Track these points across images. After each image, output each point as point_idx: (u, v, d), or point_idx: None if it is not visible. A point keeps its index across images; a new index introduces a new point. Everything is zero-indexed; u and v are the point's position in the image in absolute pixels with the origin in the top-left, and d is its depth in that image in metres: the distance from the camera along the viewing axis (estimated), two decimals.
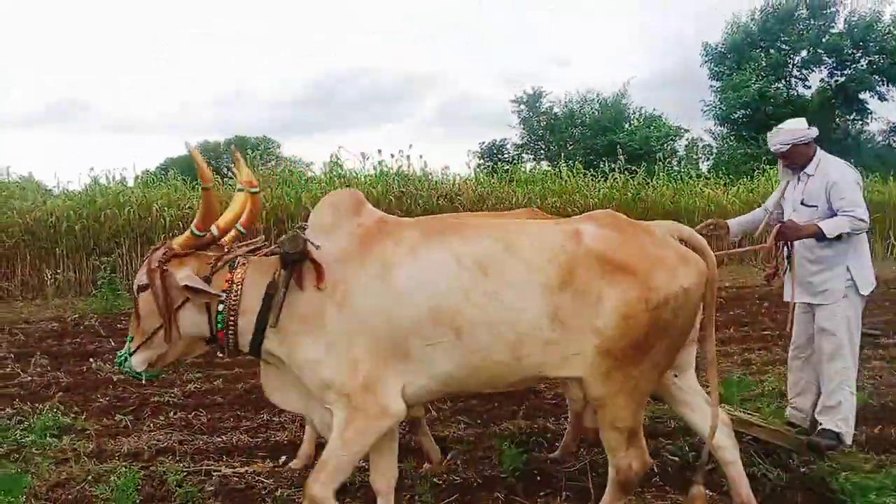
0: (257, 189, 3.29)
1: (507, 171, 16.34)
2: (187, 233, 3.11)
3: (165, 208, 12.33)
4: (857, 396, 4.23)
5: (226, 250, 3.16)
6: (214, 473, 4.21)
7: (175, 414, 5.36)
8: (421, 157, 14.50)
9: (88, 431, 5.00)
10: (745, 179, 18.13)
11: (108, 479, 4.01)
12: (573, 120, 31.83)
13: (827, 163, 4.18)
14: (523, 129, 33.01)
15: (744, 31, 30.14)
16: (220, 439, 4.82)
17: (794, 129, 4.22)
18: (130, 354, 3.11)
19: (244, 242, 3.28)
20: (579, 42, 77.99)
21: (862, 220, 3.92)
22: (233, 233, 3.23)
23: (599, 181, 15.67)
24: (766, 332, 7.95)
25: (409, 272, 2.89)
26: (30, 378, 6.40)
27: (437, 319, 2.85)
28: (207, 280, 3.00)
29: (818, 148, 4.27)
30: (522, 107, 32.74)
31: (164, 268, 3.01)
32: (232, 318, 2.98)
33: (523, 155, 30.71)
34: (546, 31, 74.92)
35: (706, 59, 30.93)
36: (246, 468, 4.30)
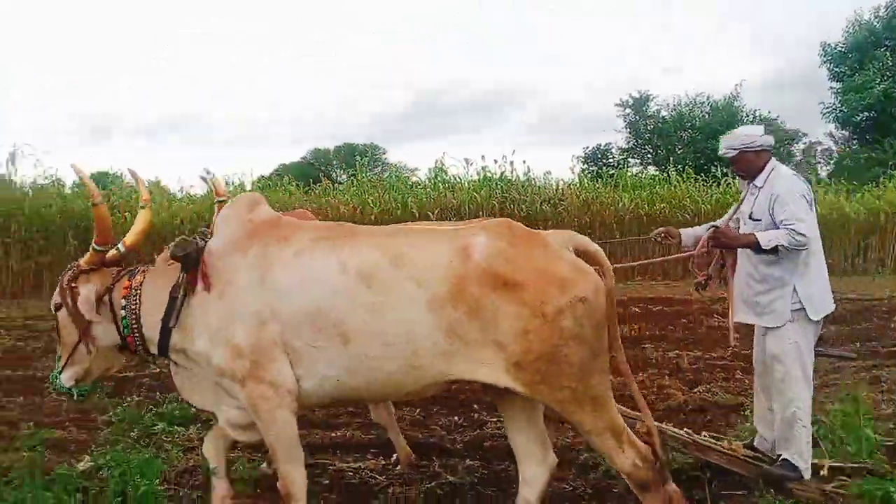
0: (145, 206, 3.46)
1: (612, 175, 16.07)
2: (90, 250, 3.27)
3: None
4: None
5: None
6: (329, 468, 4.37)
7: None
8: (524, 162, 14.51)
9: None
10: (869, 186, 17.05)
11: (231, 468, 4.23)
12: (682, 123, 30.88)
13: (777, 175, 3.82)
14: (629, 133, 32.33)
15: (866, 29, 28.31)
16: (334, 434, 4.99)
17: (745, 134, 3.92)
18: (59, 373, 3.33)
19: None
20: (689, 46, 75.74)
21: (802, 235, 3.51)
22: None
23: (711, 186, 15.15)
24: None
25: (289, 272, 2.99)
26: (158, 369, 6.82)
27: (318, 324, 2.93)
28: (109, 290, 3.24)
29: (773, 159, 3.91)
30: (628, 110, 32.07)
31: (73, 285, 3.22)
32: (135, 323, 3.19)
33: (629, 159, 30.02)
34: (655, 37, 73.23)
35: (825, 59, 29.31)
36: (359, 464, 4.43)
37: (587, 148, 31.87)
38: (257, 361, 2.99)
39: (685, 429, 4.10)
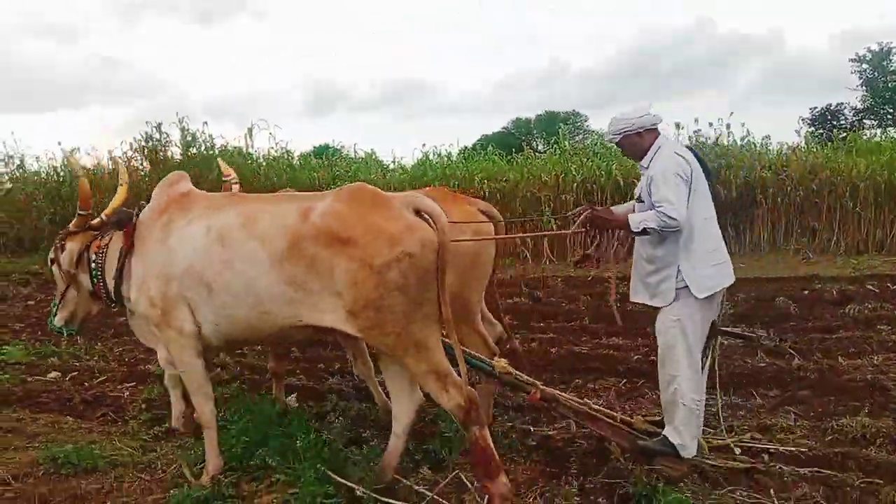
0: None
1: (843, 139, 14.45)
2: (76, 216, 4.06)
3: (485, 181, 13.15)
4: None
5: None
6: (535, 432, 4.47)
7: None
8: (743, 125, 13.41)
9: None
10: None
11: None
12: None
13: (658, 155, 3.72)
14: (865, 91, 28.85)
15: None
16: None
17: (622, 117, 3.80)
18: (54, 315, 4.22)
19: None
20: None
21: (671, 218, 3.47)
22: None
23: None
24: None
25: (179, 235, 3.62)
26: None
27: (192, 277, 3.53)
28: (87, 248, 4.04)
29: (660, 138, 3.81)
30: (865, 66, 28.61)
31: (62, 244, 4.08)
32: (100, 275, 3.97)
33: (864, 121, 26.83)
34: None
35: None
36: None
37: (815, 109, 28.89)
38: (165, 310, 3.63)
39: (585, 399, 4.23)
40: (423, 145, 15.78)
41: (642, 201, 3.75)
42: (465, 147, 16.68)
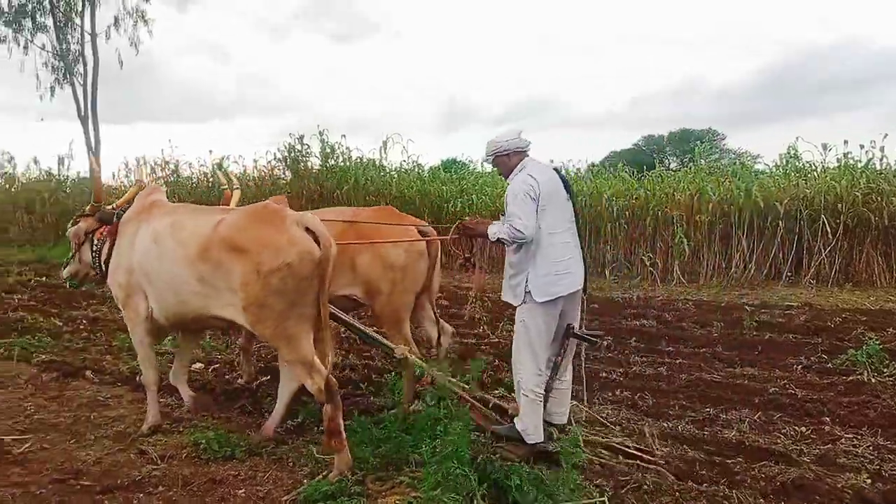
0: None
1: None
2: (91, 204, 5.06)
3: (614, 198, 12.88)
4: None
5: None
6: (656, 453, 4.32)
7: (621, 392, 5.62)
8: None
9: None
10: None
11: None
12: None
13: (516, 174, 4.25)
14: None
15: None
16: (665, 424, 4.89)
17: (496, 140, 4.33)
18: (64, 268, 5.32)
19: None
20: None
21: (518, 231, 3.99)
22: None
23: None
24: None
25: (138, 238, 4.43)
26: (497, 339, 7.36)
27: (139, 270, 4.39)
28: (93, 231, 5.02)
29: (525, 160, 4.31)
30: None
31: (77, 220, 5.13)
32: (96, 255, 4.94)
33: None
34: None
35: None
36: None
37: None
38: (128, 295, 4.52)
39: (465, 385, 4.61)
40: (551, 161, 15.57)
41: (504, 215, 4.20)
42: (593, 164, 16.42)
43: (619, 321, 8.47)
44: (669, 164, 31.42)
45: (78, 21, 22.50)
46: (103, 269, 4.88)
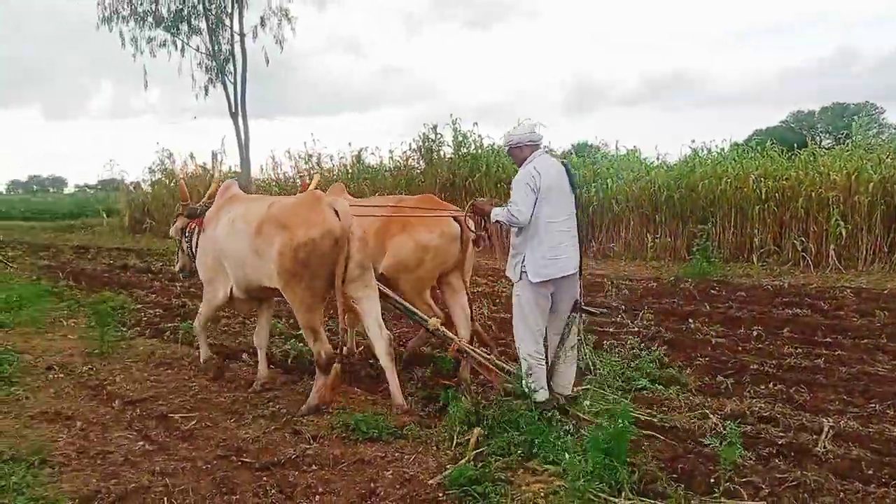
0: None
1: None
2: (180, 204, 6.28)
3: (762, 179, 12.14)
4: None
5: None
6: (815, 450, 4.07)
7: (775, 385, 5.31)
8: None
9: (690, 387, 5.33)
10: None
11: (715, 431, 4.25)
12: None
13: (525, 166, 4.64)
14: None
15: None
16: (827, 420, 4.56)
17: (513, 133, 4.76)
18: (176, 264, 6.50)
19: None
20: None
21: (513, 216, 4.51)
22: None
23: None
24: None
25: (220, 223, 5.32)
26: (637, 329, 7.16)
27: (222, 252, 5.27)
28: (187, 226, 6.11)
29: (536, 152, 4.68)
30: None
31: (176, 219, 6.30)
32: (187, 245, 6.07)
33: None
34: None
35: None
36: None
37: None
38: (211, 278, 5.52)
39: (481, 349, 5.34)
40: (693, 141, 14.88)
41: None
42: (736, 143, 15.50)
43: (769, 310, 8.01)
44: (821, 141, 29.21)
45: (228, 22, 23.90)
46: (193, 254, 5.83)
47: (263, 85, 56.91)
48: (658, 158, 15.43)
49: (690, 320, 7.54)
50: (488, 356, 5.12)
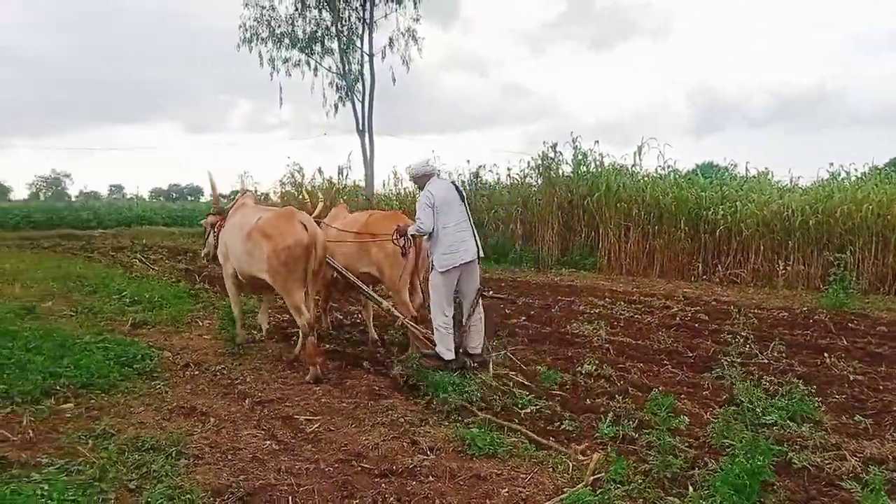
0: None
1: None
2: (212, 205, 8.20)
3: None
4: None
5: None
6: None
7: None
8: None
9: (825, 425, 4.99)
10: None
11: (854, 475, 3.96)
12: None
13: (423, 191, 6.29)
14: None
15: None
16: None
17: (411, 167, 6.54)
18: (203, 250, 8.13)
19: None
20: None
21: (420, 227, 6.11)
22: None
23: None
24: None
25: (229, 225, 7.15)
26: (767, 361, 6.78)
27: (230, 248, 6.91)
28: (215, 223, 7.69)
29: (432, 178, 6.38)
30: None
31: (207, 216, 7.97)
32: (215, 241, 7.56)
33: None
34: None
35: None
36: None
37: None
38: (224, 262, 7.14)
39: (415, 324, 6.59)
40: (831, 164, 14.05)
41: None
42: (876, 167, 14.43)
43: None
44: None
45: (358, 43, 24.93)
46: (216, 243, 7.49)
47: (389, 103, 59.04)
48: (791, 181, 14.67)
49: (826, 354, 7.07)
50: (424, 331, 6.50)
